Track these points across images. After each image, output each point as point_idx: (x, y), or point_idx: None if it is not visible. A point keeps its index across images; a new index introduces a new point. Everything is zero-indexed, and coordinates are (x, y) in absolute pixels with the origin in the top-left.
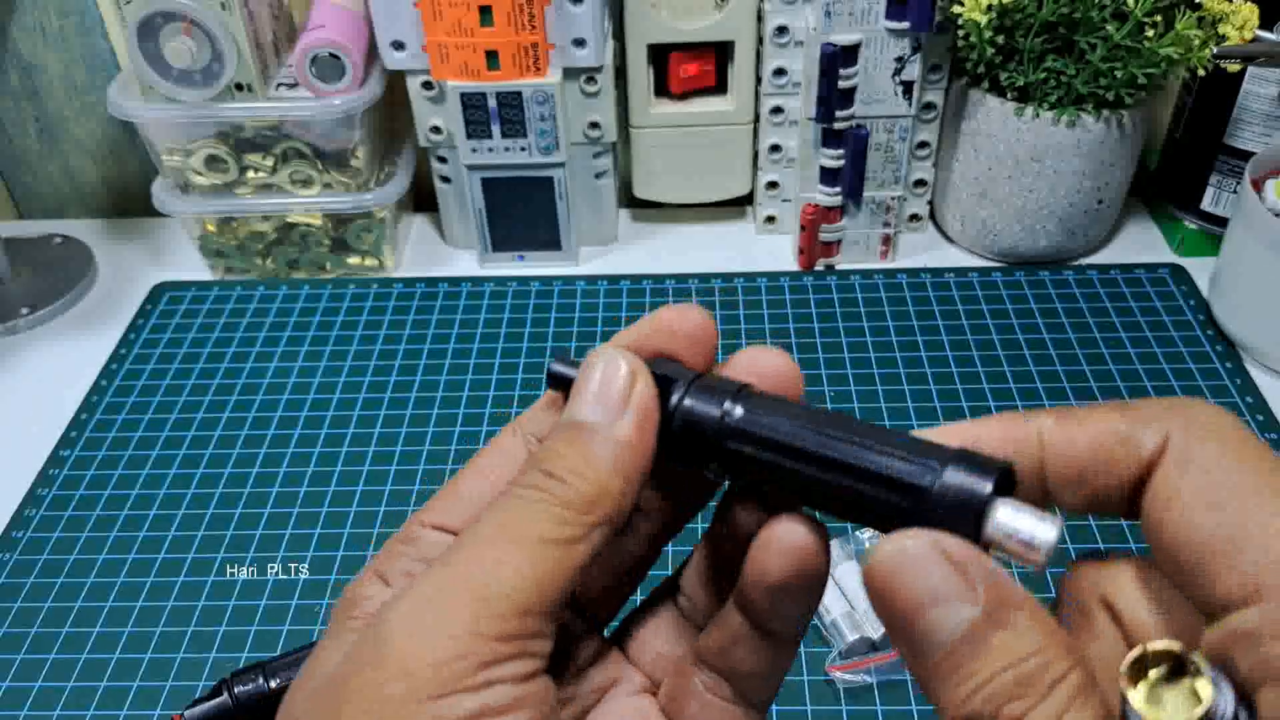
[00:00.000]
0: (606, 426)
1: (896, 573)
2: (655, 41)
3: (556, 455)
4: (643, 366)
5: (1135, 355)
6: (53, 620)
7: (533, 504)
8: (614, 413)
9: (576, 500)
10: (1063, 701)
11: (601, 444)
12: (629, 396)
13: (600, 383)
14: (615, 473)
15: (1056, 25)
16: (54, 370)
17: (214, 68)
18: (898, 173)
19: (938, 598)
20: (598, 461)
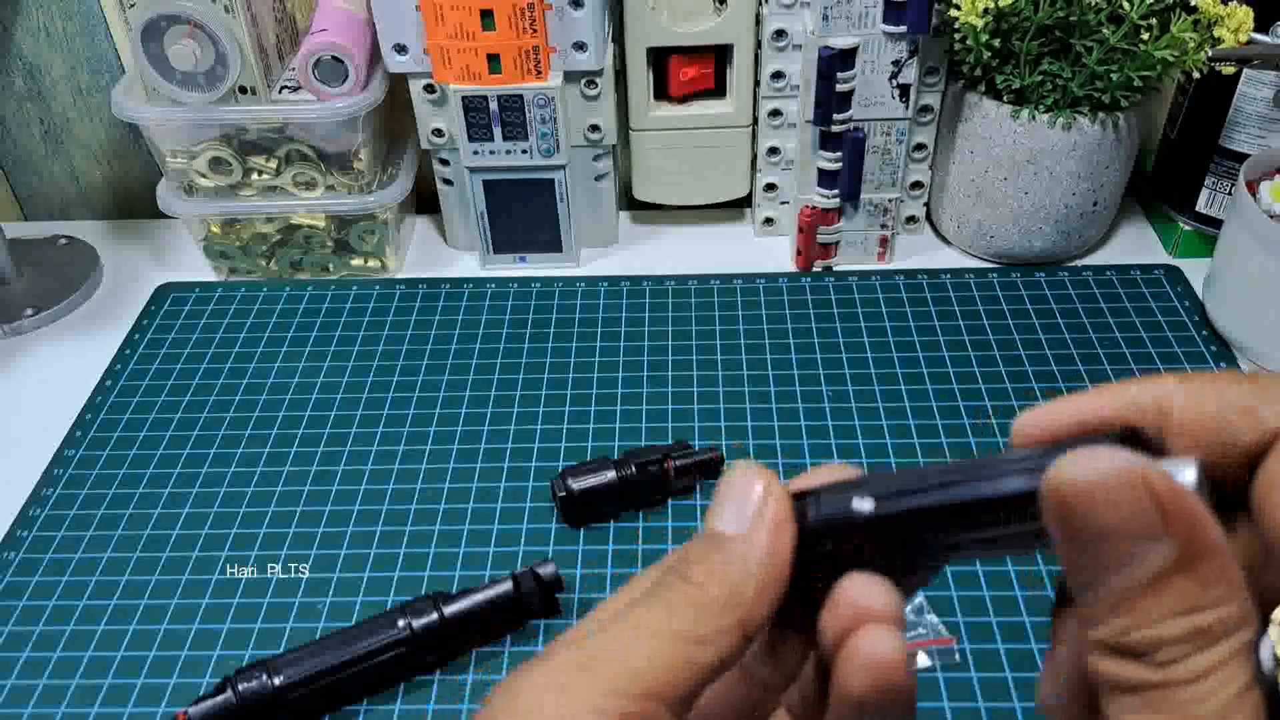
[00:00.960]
0: (736, 536)
1: (1095, 496)
2: (655, 45)
3: (692, 561)
4: (776, 483)
5: (1131, 356)
6: (57, 618)
7: (668, 603)
8: (748, 523)
9: (710, 602)
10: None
11: (734, 551)
12: (763, 509)
13: (736, 497)
14: (748, 577)
15: (1052, 28)
16: (58, 370)
17: (218, 70)
18: (895, 175)
19: (1134, 533)
20: (731, 567)
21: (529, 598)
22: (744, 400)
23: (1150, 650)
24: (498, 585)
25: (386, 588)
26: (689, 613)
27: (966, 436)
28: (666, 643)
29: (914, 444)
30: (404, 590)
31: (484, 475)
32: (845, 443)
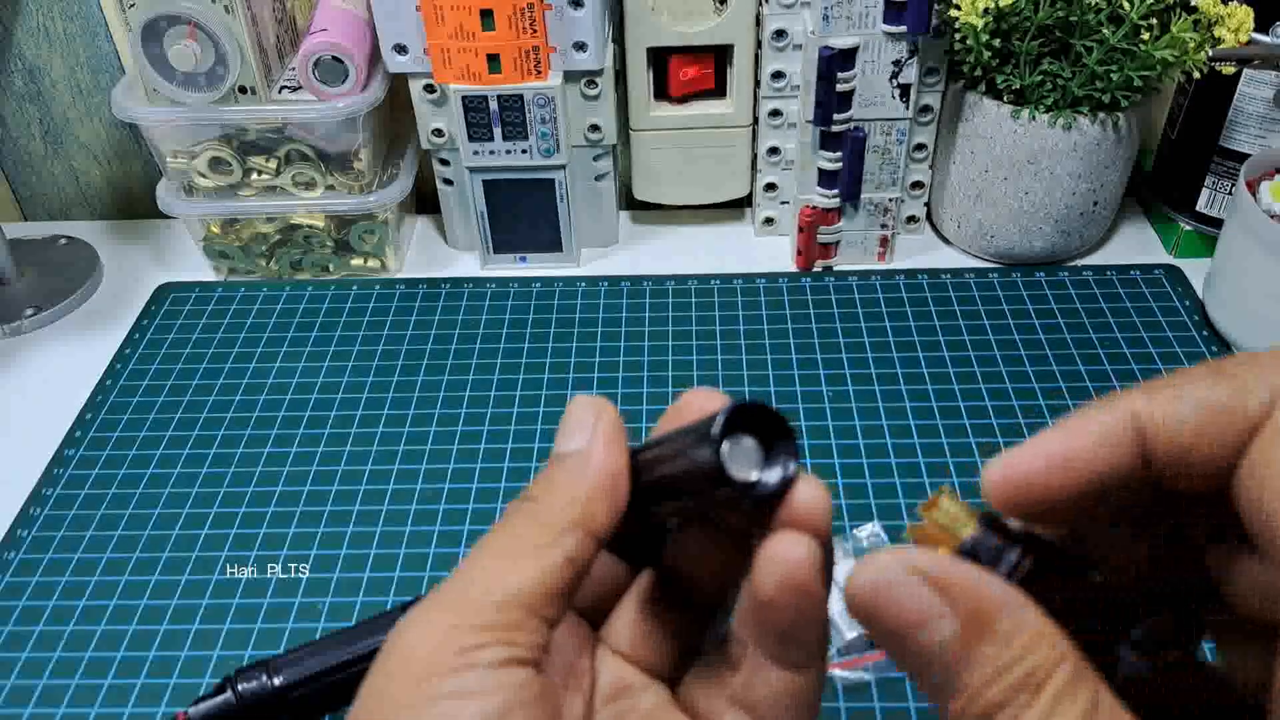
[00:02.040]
0: (575, 451)
1: (875, 599)
2: (655, 45)
3: (533, 484)
4: (607, 405)
5: (1131, 356)
6: (57, 618)
7: (512, 524)
8: (583, 440)
9: (548, 511)
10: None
11: (571, 463)
12: (596, 425)
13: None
14: (582, 481)
15: (1052, 29)
16: (59, 371)
17: (218, 71)
18: (895, 175)
19: (919, 619)
20: (569, 475)
21: None
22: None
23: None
24: None
25: (386, 588)
26: (531, 526)
27: (967, 437)
28: (513, 558)
29: (914, 444)
30: (404, 590)
31: (484, 475)
32: (846, 443)
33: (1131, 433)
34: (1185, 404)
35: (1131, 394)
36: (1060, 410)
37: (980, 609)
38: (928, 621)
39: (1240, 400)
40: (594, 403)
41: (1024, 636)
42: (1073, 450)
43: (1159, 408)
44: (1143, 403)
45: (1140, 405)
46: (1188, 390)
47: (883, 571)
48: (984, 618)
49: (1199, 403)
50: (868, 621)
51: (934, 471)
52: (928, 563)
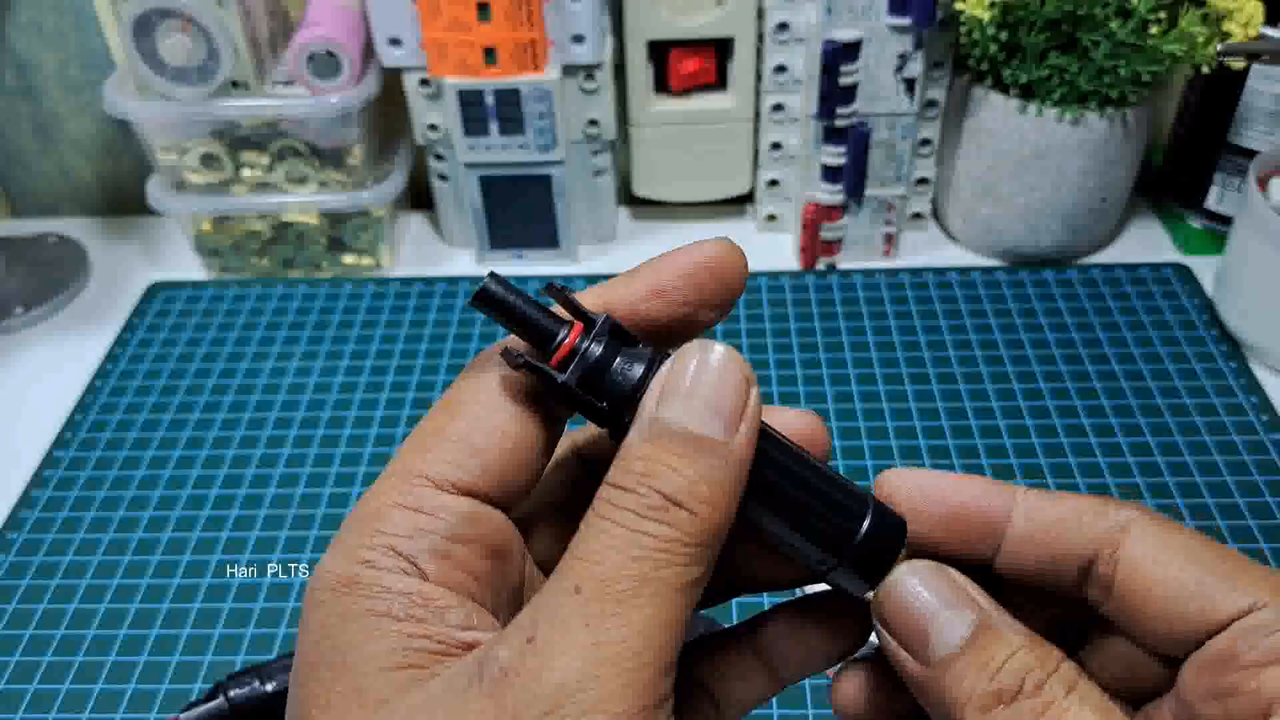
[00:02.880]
0: (724, 442)
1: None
2: (655, 38)
3: (676, 476)
4: (751, 371)
5: (1139, 355)
6: (47, 623)
7: (666, 545)
8: (731, 426)
9: (703, 535)
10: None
11: (723, 463)
12: (744, 408)
13: (719, 388)
14: (734, 490)
15: (1060, 22)
16: (48, 370)
17: (210, 65)
18: (900, 171)
19: (944, 606)
20: (723, 485)
21: None
22: None
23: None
24: None
25: None
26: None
27: (973, 437)
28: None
29: (919, 445)
30: None
31: None
32: (849, 444)
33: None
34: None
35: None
36: (1068, 411)
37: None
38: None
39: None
40: (744, 376)
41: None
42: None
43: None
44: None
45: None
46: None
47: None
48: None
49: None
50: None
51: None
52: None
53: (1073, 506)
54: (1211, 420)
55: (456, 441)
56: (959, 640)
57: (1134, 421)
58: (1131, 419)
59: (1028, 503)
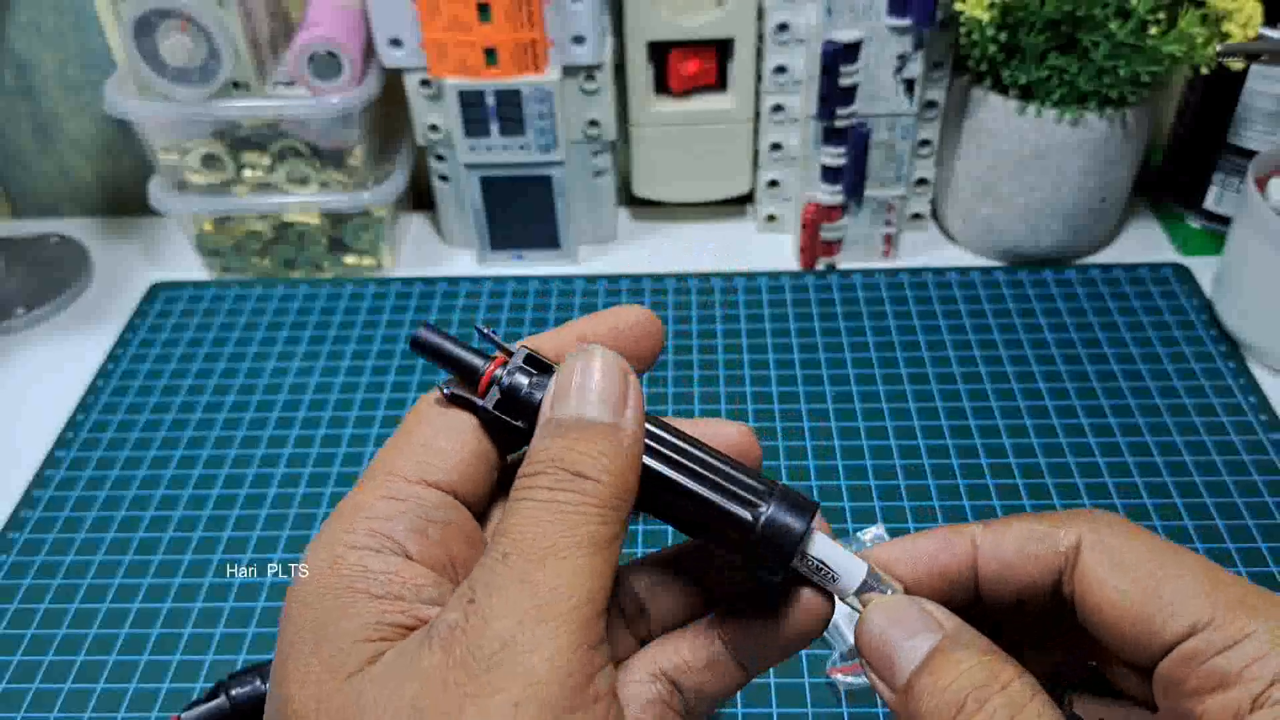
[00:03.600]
0: (614, 424)
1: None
2: (655, 39)
3: (582, 455)
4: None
5: (1138, 355)
6: (49, 622)
7: (578, 508)
8: (619, 410)
9: (610, 498)
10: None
11: (617, 441)
12: (627, 394)
13: (602, 381)
14: (631, 462)
15: (1059, 23)
16: (50, 370)
17: (210, 65)
18: (899, 171)
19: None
20: (620, 458)
21: None
22: (745, 400)
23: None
24: None
25: None
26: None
27: (972, 438)
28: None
29: (919, 445)
30: None
31: None
32: (849, 444)
33: (967, 548)
34: (1010, 532)
35: (971, 525)
36: (1067, 411)
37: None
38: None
39: (1054, 536)
40: (622, 369)
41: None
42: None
43: (990, 532)
44: (979, 529)
45: (977, 530)
46: (1015, 524)
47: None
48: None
49: (1021, 532)
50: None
51: (939, 473)
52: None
53: (1018, 535)
54: (1210, 420)
55: (423, 446)
56: (916, 664)
57: (1133, 421)
58: (1130, 419)
59: (983, 542)
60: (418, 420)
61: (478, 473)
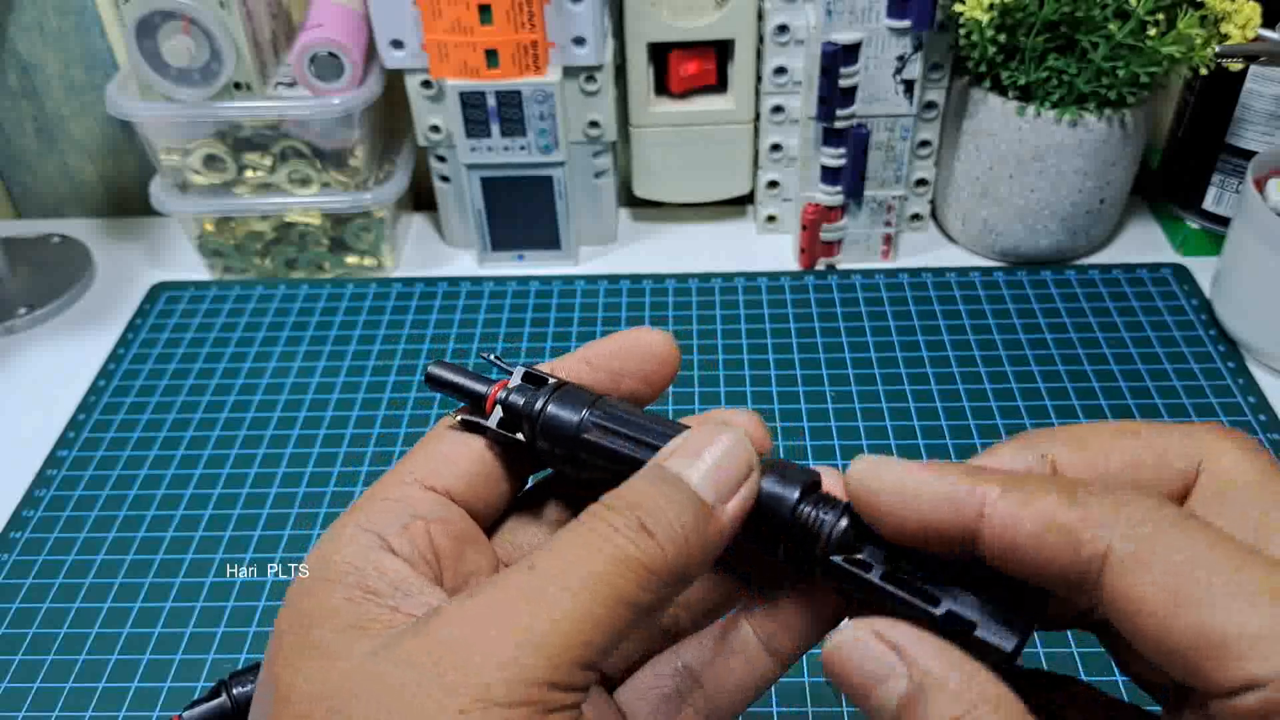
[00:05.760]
0: (711, 508)
1: (841, 658)
2: (655, 40)
3: (660, 515)
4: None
5: (1137, 355)
6: (50, 621)
7: (625, 559)
8: (723, 496)
9: (664, 568)
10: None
11: (704, 524)
12: (741, 487)
13: (722, 460)
14: (706, 551)
15: (1058, 24)
16: (52, 370)
17: (212, 66)
18: (899, 172)
19: (880, 675)
20: (696, 541)
21: None
22: (746, 401)
23: None
24: None
25: None
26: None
27: (972, 438)
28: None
29: (919, 445)
30: None
31: None
32: (849, 444)
33: (974, 512)
34: (1027, 516)
35: (992, 477)
36: (1066, 412)
37: (931, 666)
38: (885, 679)
39: (1078, 535)
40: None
41: (971, 693)
42: (918, 497)
43: (1004, 506)
44: (996, 493)
45: (993, 494)
46: (1035, 503)
47: (848, 634)
48: (930, 676)
49: (1042, 520)
50: (838, 681)
51: None
52: (886, 627)
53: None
54: (1209, 420)
55: (426, 455)
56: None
57: None
58: (1130, 419)
59: (993, 514)
60: (429, 437)
61: (481, 484)
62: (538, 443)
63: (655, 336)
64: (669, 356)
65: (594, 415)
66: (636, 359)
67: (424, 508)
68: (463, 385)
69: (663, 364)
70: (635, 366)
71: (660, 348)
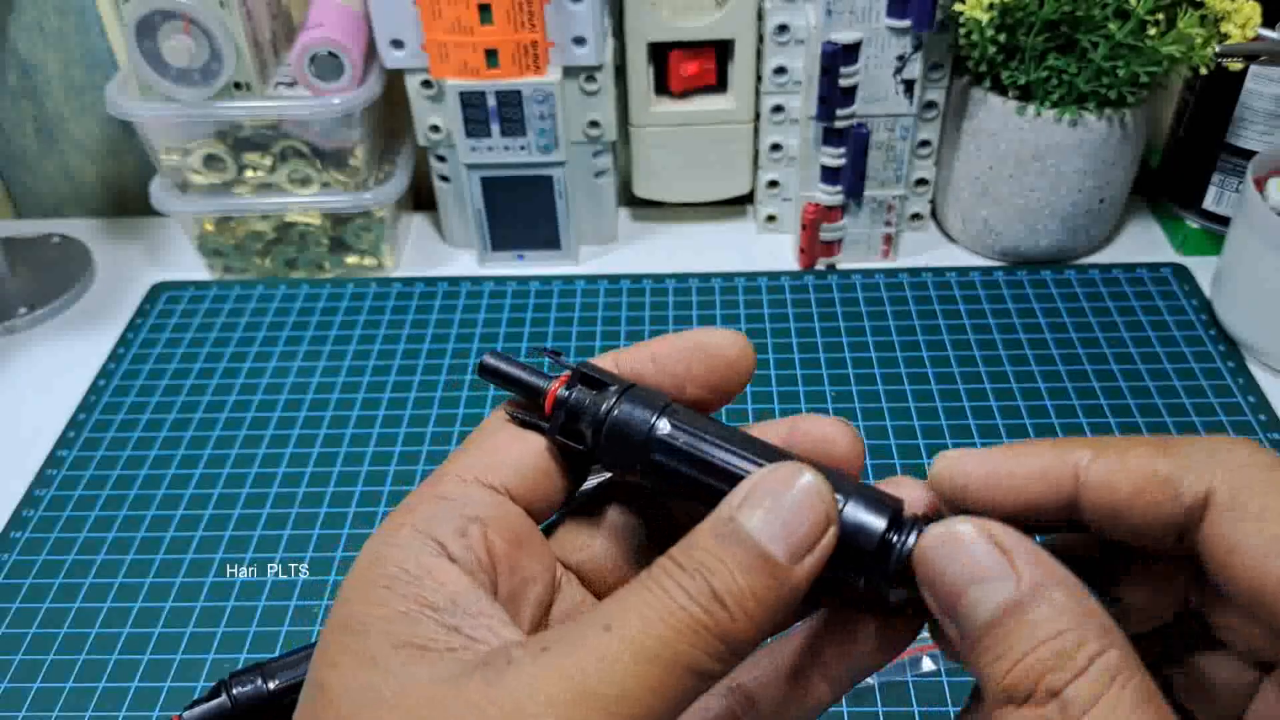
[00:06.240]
0: (785, 569)
1: (945, 552)
2: (655, 40)
3: (730, 580)
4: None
5: (1137, 355)
6: (51, 621)
7: (696, 629)
8: (798, 554)
9: (735, 638)
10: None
11: (775, 586)
12: (818, 542)
13: (792, 513)
14: (778, 614)
15: (1058, 23)
16: (52, 370)
17: (212, 66)
18: (899, 171)
19: (982, 575)
20: (769, 605)
21: None
22: (746, 400)
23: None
24: None
25: None
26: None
27: (973, 437)
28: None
29: (918, 445)
30: None
31: None
32: None
33: (1069, 480)
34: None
35: (1079, 444)
36: (1067, 411)
37: (1043, 576)
38: (989, 579)
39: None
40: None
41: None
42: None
43: (1100, 467)
44: (1087, 457)
45: (1084, 459)
46: (1130, 458)
47: (956, 527)
48: (1045, 584)
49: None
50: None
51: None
52: (998, 529)
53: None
54: (1209, 420)
55: (486, 450)
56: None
57: (1132, 421)
58: (1129, 419)
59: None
60: (483, 431)
61: (540, 481)
62: (600, 451)
63: (730, 338)
64: (743, 362)
65: (664, 430)
66: (705, 362)
67: (482, 508)
68: (521, 379)
69: (735, 371)
70: (703, 371)
71: (734, 352)
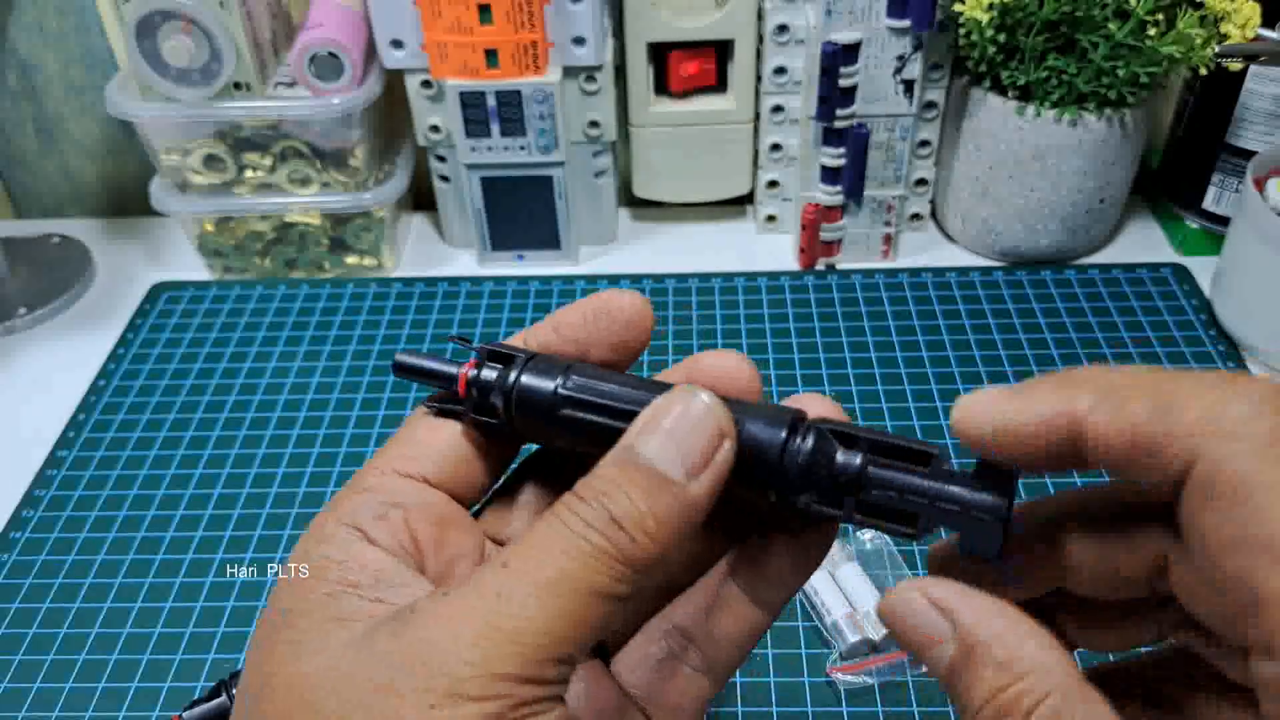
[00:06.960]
0: (682, 486)
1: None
2: (655, 40)
3: (627, 504)
4: (731, 425)
5: (1137, 355)
6: (50, 621)
7: (596, 555)
8: (694, 471)
9: (637, 559)
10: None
11: (675, 504)
12: (713, 458)
13: (687, 432)
14: (679, 532)
15: (1058, 24)
16: (52, 370)
17: (212, 66)
18: (899, 172)
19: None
20: (669, 523)
21: None
22: None
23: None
24: None
25: None
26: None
27: None
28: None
29: None
30: None
31: None
32: None
33: (1072, 428)
34: (1118, 428)
35: (1084, 386)
36: None
37: (977, 633)
38: (934, 643)
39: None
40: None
41: (1016, 657)
42: (1021, 428)
43: (1099, 419)
44: (1086, 407)
45: (1083, 410)
46: (1126, 412)
47: (899, 594)
48: (979, 645)
49: (1129, 432)
50: (895, 638)
51: None
52: (936, 589)
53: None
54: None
55: (403, 443)
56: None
57: None
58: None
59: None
60: (405, 426)
61: (459, 466)
62: (514, 420)
63: (626, 299)
64: (641, 320)
65: (566, 387)
66: (606, 324)
67: (401, 496)
68: (432, 369)
69: (634, 329)
70: (604, 333)
71: (631, 311)
